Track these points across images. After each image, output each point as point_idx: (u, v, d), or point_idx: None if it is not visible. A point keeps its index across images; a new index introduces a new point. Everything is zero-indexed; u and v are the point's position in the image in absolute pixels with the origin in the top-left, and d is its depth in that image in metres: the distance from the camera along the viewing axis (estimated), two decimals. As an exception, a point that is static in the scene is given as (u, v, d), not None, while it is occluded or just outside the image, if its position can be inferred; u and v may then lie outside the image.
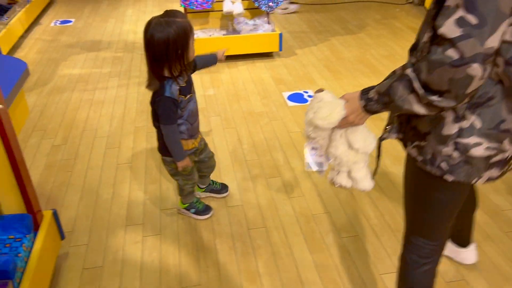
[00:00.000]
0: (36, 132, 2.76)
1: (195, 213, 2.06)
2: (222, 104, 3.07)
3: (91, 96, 3.20)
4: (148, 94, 1.71)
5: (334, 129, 1.22)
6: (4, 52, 3.66)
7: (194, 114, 1.78)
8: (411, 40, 4.02)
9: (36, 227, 1.69)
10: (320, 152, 1.27)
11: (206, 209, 2.07)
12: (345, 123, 1.17)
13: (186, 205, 2.06)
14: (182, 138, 1.77)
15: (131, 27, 4.58)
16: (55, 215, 1.80)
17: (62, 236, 1.86)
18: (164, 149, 1.79)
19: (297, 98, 3.16)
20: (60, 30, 4.54)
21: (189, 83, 1.72)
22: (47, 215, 1.76)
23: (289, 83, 3.37)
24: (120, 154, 2.55)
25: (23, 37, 4.28)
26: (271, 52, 3.84)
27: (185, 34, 1.53)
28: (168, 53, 1.53)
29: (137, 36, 4.31)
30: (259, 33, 3.72)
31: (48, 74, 3.55)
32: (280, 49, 3.77)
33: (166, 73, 1.61)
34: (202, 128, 2.75)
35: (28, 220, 1.61)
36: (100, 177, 2.36)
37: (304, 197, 2.20)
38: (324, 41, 4.16)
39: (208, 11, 3.83)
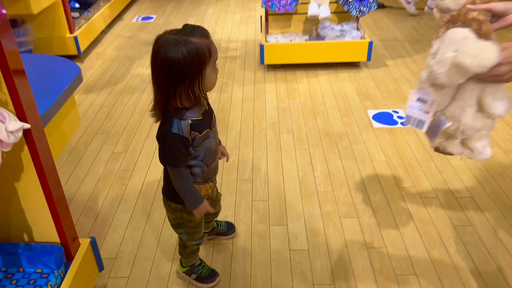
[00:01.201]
0: (99, 136, 2.63)
1: (196, 279, 1.66)
2: (297, 120, 2.73)
3: (159, 100, 3.03)
4: (221, 103, 1.43)
5: (464, 84, 1.05)
6: (83, 47, 3.64)
7: (213, 154, 1.39)
8: None
9: (69, 258, 1.48)
10: (427, 108, 1.08)
11: (211, 275, 1.66)
12: (491, 75, 1.00)
13: (187, 268, 1.66)
14: (194, 181, 1.39)
15: (211, 27, 4.38)
16: (94, 244, 1.58)
17: (100, 267, 1.65)
18: (169, 191, 1.41)
19: (384, 118, 2.72)
20: (141, 27, 4.48)
21: (208, 116, 1.34)
22: (84, 244, 1.55)
23: (376, 100, 2.93)
24: (179, 169, 2.32)
25: (104, 32, 4.27)
26: (358, 62, 3.42)
27: (199, 60, 1.15)
28: (173, 81, 1.17)
29: (215, 37, 4.11)
30: (346, 40, 3.31)
31: (122, 72, 3.46)
32: (369, 59, 3.33)
33: (174, 103, 1.23)
34: (272, 146, 2.44)
35: (58, 253, 1.40)
36: (155, 194, 2.14)
37: (386, 249, 1.80)
38: (421, 52, 3.64)
39: (291, 14, 3.50)
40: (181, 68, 1.14)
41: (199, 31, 1.18)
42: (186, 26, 1.19)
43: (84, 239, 1.57)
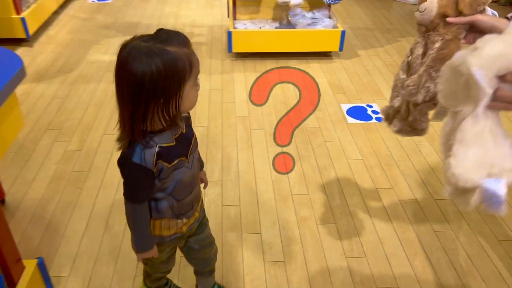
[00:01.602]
0: (50, 131, 2.37)
1: None
2: (268, 114, 2.57)
3: (118, 90, 2.78)
4: None
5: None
6: (32, 30, 3.30)
7: (186, 186, 1.11)
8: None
9: (11, 284, 1.28)
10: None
11: None
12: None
13: None
14: (160, 217, 1.12)
15: (173, 9, 4.12)
16: (41, 266, 1.38)
17: (50, 290, 1.45)
18: (131, 195, 1.12)
19: (358, 113, 2.61)
20: (98, 8, 4.15)
21: (185, 140, 1.07)
22: (29, 266, 1.34)
23: (349, 93, 2.82)
24: (141, 170, 2.11)
25: (56, 13, 3.91)
26: (329, 52, 3.28)
27: (177, 74, 0.91)
28: (143, 99, 0.91)
29: (179, 20, 3.85)
30: (318, 28, 3.16)
31: (76, 59, 3.16)
32: (341, 49, 3.20)
33: (141, 126, 0.97)
34: (243, 143, 2.27)
35: (-2, 282, 1.19)
36: (114, 200, 1.94)
37: (366, 259, 1.69)
38: (393, 41, 3.55)
39: (261, -1, 3.30)
40: (154, 84, 0.89)
41: (178, 38, 0.93)
42: (160, 31, 0.94)
43: (30, 261, 1.37)
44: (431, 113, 1.22)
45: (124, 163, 1.01)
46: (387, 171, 2.15)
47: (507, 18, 1.04)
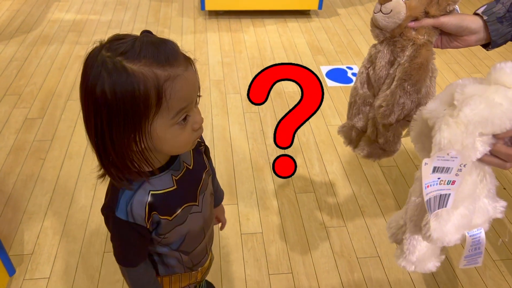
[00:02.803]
0: (9, 97, 2.19)
1: None
2: (244, 78, 2.44)
3: (83, 52, 2.57)
4: None
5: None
6: (-14, -15, 3.02)
7: (197, 235, 0.87)
8: (483, 3, 3.28)
9: (-34, 269, 1.17)
10: (452, 177, 0.68)
11: None
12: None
13: None
14: (171, 273, 0.90)
15: (142, -37, 3.84)
16: (-1, 247, 1.27)
17: (10, 271, 1.34)
18: (121, 256, 0.82)
19: (338, 75, 2.51)
20: (59, -39, 3.83)
21: (192, 178, 0.81)
22: (-15, 248, 1.23)
23: (329, 54, 2.70)
24: (109, 138, 1.98)
25: (13, -34, 3.59)
26: (308, 11, 3.13)
27: (133, 105, 0.63)
28: (98, 121, 0.65)
29: (148, -25, 3.59)
30: (296, -15, 2.99)
31: (36, 17, 2.92)
32: (320, 7, 3.05)
33: (116, 162, 0.69)
34: (218, 108, 2.16)
35: None
36: (80, 171, 1.81)
37: (346, 228, 1.64)
38: (373, 0, 3.41)
39: (235, -48, 3.08)
40: (98, 110, 0.64)
41: (155, 52, 0.64)
42: (142, 37, 0.65)
43: (-15, 242, 1.25)
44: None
45: (107, 219, 0.77)
46: (367, 136, 2.07)
47: (476, 14, 0.92)
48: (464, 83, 0.67)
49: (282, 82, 2.38)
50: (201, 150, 0.87)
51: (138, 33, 0.68)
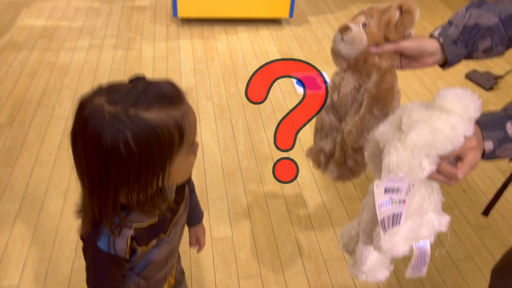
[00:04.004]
0: (-24, 104, 2.17)
1: None
2: (216, 85, 2.48)
3: (54, 59, 2.57)
4: (129, 63, 1.12)
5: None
6: (-48, -10, 2.96)
7: (160, 264, 0.86)
8: (445, 17, 3.42)
9: None
10: (402, 197, 0.73)
11: None
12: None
13: None
14: None
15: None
16: (-34, 255, 1.26)
17: (-22, 280, 1.34)
18: (95, 285, 0.80)
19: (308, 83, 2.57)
20: (29, -34, 3.78)
21: (169, 212, 0.80)
22: (-48, 257, 1.22)
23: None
24: (80, 145, 1.98)
25: (-19, -30, 3.53)
26: (279, 19, 3.19)
27: (160, 150, 0.65)
28: (111, 179, 0.65)
29: (121, -18, 3.59)
30: (268, -7, 3.05)
31: (5, 24, 2.88)
32: (291, 16, 3.12)
33: (108, 209, 0.69)
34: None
35: None
36: (50, 178, 1.81)
37: (314, 231, 1.69)
38: (343, 8, 3.51)
39: (208, -40, 3.13)
40: (124, 166, 0.63)
41: (160, 94, 0.64)
42: (137, 81, 0.65)
43: (-49, 251, 1.24)
44: None
45: (86, 247, 0.76)
46: (335, 142, 2.14)
47: (431, 35, 0.97)
48: (412, 108, 0.72)
49: (253, 89, 2.42)
50: (184, 185, 0.86)
51: (112, 39, 0.71)
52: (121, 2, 3.28)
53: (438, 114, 0.68)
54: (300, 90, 2.50)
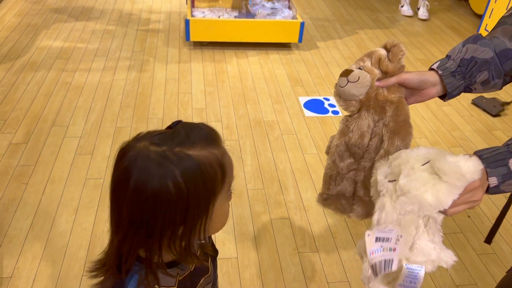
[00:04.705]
0: (-6, 122, 2.25)
1: None
2: (226, 106, 2.54)
3: (69, 79, 2.66)
4: (141, 85, 1.18)
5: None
6: (-24, 12, 3.10)
7: None
8: (452, 43, 3.46)
9: None
10: (392, 245, 0.77)
11: None
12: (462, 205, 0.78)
13: None
14: None
15: (131, -6, 3.97)
16: (-21, 269, 1.31)
17: (-11, 294, 1.38)
18: None
19: (316, 106, 2.62)
20: (49, -10, 3.94)
21: (187, 282, 0.76)
22: (-34, 270, 1.27)
23: (307, 85, 2.82)
24: (92, 164, 2.03)
25: (3, -6, 3.69)
26: (289, 43, 3.27)
27: (205, 188, 0.66)
28: (150, 227, 0.64)
29: (135, 6, 3.72)
30: (277, 19, 3.14)
31: (24, 44, 3.00)
32: (300, 41, 3.20)
33: (157, 248, 0.67)
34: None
35: None
36: (61, 196, 1.86)
37: (318, 254, 1.71)
38: (351, 34, 3.58)
39: (220, -13, 3.24)
40: (172, 208, 0.63)
41: (202, 134, 0.68)
42: (178, 125, 0.68)
43: (-34, 265, 1.29)
44: None
45: None
46: (341, 165, 2.17)
47: (431, 68, 1.01)
48: (413, 166, 0.76)
49: (262, 111, 2.48)
50: (207, 251, 0.82)
51: (126, 61, 0.74)
52: (136, 25, 3.40)
53: (433, 182, 0.73)
54: (307, 113, 2.55)
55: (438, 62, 1.00)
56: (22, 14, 3.42)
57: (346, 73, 0.97)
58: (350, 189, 1.14)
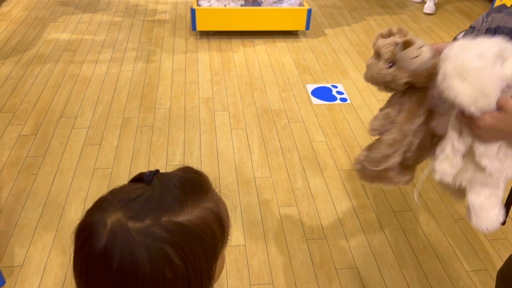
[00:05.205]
0: (3, 115, 2.27)
1: None
2: (232, 96, 2.53)
3: (77, 71, 2.67)
4: (148, 75, 1.18)
5: None
6: (-16, 6, 3.12)
7: None
8: (462, 27, 3.40)
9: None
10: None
11: None
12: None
13: None
14: None
15: (137, -15, 3.96)
16: (-10, 258, 1.33)
17: (0, 282, 1.40)
18: None
19: (323, 94, 2.60)
20: (56, -17, 3.94)
21: None
22: (-24, 259, 1.29)
23: (315, 73, 2.80)
24: (100, 155, 2.04)
25: (11, -12, 3.70)
26: (296, 31, 3.24)
27: (206, 256, 0.55)
28: None
29: (142, -3, 3.71)
30: (284, 6, 3.11)
31: (32, 37, 3.01)
32: (307, 28, 3.16)
33: None
34: (206, 125, 2.23)
35: None
36: (70, 186, 1.88)
37: (326, 240, 1.70)
38: (360, 20, 3.53)
39: (226, -25, 3.21)
40: (187, 276, 0.52)
41: (188, 187, 0.56)
42: (148, 181, 0.54)
43: (-24, 253, 1.31)
44: None
45: None
46: (349, 153, 2.15)
47: (455, 39, 0.97)
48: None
49: (269, 99, 2.47)
50: None
51: (133, 52, 0.66)
52: (142, 16, 3.39)
53: None
54: (315, 101, 2.53)
55: (463, 33, 0.98)
56: (30, 8, 3.43)
57: (408, 43, 0.86)
58: (399, 159, 1.06)
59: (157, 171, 0.55)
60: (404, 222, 1.80)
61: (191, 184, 0.55)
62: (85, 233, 0.52)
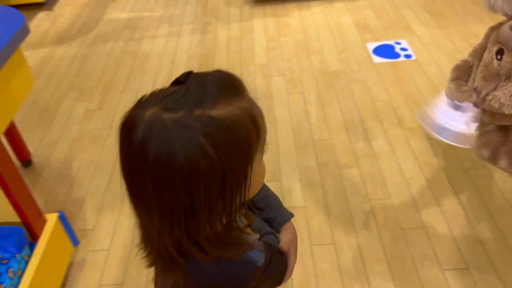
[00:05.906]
0: (71, 92, 2.39)
1: None
2: (288, 60, 2.46)
3: (136, 47, 2.75)
4: (205, 46, 1.16)
5: None
6: (51, -6, 3.29)
7: None
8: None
9: (35, 237, 1.32)
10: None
11: None
12: None
13: None
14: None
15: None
16: (63, 219, 1.41)
17: (74, 242, 1.49)
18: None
19: (386, 51, 2.45)
20: (115, -34, 4.06)
21: None
22: (51, 220, 1.38)
23: (376, 31, 2.64)
24: (160, 124, 2.10)
25: (74, -25, 3.87)
26: (355, -11, 3.07)
27: (241, 153, 0.53)
28: (181, 208, 0.53)
29: (196, -29, 3.71)
30: (340, -36, 2.95)
31: (94, 19, 3.14)
32: (366, -15, 2.99)
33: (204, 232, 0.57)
34: (262, 92, 2.22)
35: (18, 235, 1.23)
36: (134, 155, 1.95)
37: (391, 200, 1.62)
38: (424, -28, 3.27)
39: None
40: (206, 181, 0.51)
41: (222, 85, 0.55)
42: (189, 79, 0.55)
43: (51, 215, 1.40)
44: None
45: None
46: (415, 110, 2.02)
47: None
48: None
49: (327, 61, 2.38)
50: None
51: (189, 25, 0.67)
52: (197, -11, 3.39)
53: None
54: (376, 59, 2.39)
55: None
56: (92, -8, 3.57)
57: None
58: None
59: (190, 72, 0.56)
60: (477, 180, 1.66)
61: (226, 83, 0.55)
62: (125, 129, 0.53)
